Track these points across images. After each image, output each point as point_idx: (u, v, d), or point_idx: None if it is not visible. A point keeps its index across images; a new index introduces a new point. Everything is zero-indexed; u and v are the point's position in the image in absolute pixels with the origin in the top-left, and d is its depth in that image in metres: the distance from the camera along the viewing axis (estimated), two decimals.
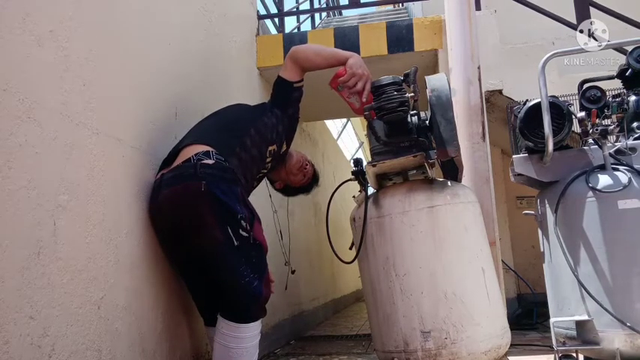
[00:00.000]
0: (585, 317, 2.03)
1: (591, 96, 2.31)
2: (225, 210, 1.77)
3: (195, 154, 1.81)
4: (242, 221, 1.80)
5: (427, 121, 1.93)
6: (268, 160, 2.10)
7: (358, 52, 3.44)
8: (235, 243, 1.78)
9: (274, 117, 2.12)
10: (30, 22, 1.36)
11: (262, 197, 2.76)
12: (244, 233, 1.80)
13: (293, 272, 3.13)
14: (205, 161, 1.79)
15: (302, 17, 5.85)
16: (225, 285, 1.83)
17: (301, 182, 2.43)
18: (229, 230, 1.77)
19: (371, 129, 1.95)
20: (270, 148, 2.08)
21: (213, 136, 1.94)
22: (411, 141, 1.89)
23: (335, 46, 3.44)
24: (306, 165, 2.41)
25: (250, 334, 1.85)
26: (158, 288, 1.90)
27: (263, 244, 1.91)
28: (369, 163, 1.94)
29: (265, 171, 2.17)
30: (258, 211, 1.94)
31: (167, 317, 1.93)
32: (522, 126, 2.22)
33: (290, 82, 2.13)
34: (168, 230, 1.88)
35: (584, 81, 2.44)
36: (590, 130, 2.17)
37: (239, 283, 1.80)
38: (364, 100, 1.98)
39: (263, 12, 3.99)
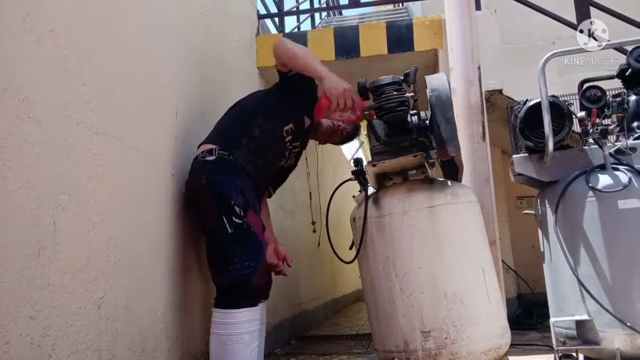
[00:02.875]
0: (585, 317, 2.03)
1: (591, 96, 2.31)
2: (220, 199, 1.95)
3: (202, 152, 2.05)
4: (235, 207, 1.95)
5: (427, 121, 1.93)
6: (288, 138, 2.21)
7: (358, 52, 3.45)
8: (229, 230, 1.92)
9: (287, 98, 2.22)
10: (30, 22, 1.36)
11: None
12: (237, 220, 1.94)
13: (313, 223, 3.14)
14: (208, 158, 2.02)
15: (302, 17, 5.85)
16: (216, 269, 1.97)
17: (342, 139, 2.52)
18: (224, 219, 1.93)
19: (371, 129, 1.95)
20: (286, 127, 2.19)
21: (221, 134, 2.12)
22: (411, 141, 1.89)
23: (335, 46, 3.45)
24: (338, 127, 2.45)
25: (239, 320, 1.90)
26: (158, 288, 1.90)
27: (256, 231, 2.00)
28: (369, 162, 1.94)
29: (297, 149, 2.29)
30: None
31: (167, 317, 1.93)
32: (522, 126, 2.22)
33: (284, 73, 2.21)
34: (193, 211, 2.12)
35: (584, 81, 2.44)
36: (591, 130, 2.17)
37: (227, 268, 1.91)
38: (358, 113, 1.99)
39: (263, 12, 3.99)
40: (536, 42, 3.26)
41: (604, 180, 2.08)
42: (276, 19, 4.32)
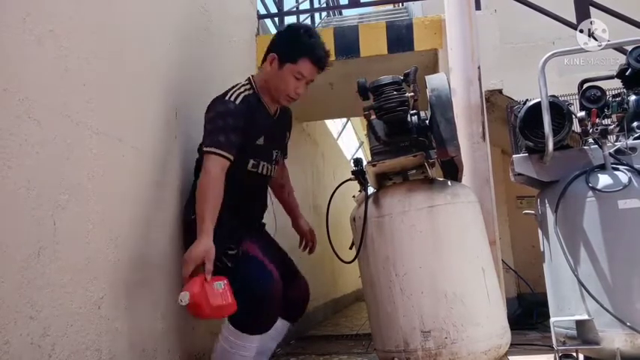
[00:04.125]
0: (585, 317, 2.03)
1: (591, 95, 2.31)
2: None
3: (187, 211, 2.07)
4: (228, 251, 1.94)
5: (427, 121, 1.93)
6: (261, 169, 2.15)
7: (358, 52, 3.45)
8: (229, 265, 1.93)
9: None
10: (30, 22, 1.36)
11: None
12: (232, 252, 1.96)
13: None
14: (193, 216, 1.93)
15: (302, 17, 5.84)
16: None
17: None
18: (223, 258, 1.92)
19: (371, 129, 1.95)
20: (250, 168, 2.12)
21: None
22: (411, 141, 1.89)
23: (335, 46, 3.44)
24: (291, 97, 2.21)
25: (247, 343, 1.94)
26: (158, 288, 1.90)
27: (255, 255, 2.01)
28: (369, 162, 1.94)
29: (276, 158, 2.24)
30: None
31: (167, 317, 1.93)
32: (522, 126, 2.22)
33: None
34: None
35: (584, 81, 2.44)
36: (590, 130, 2.17)
37: (240, 296, 1.87)
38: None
39: (263, 12, 3.99)
40: (536, 42, 3.26)
41: (604, 180, 2.08)
42: (276, 19, 4.32)
